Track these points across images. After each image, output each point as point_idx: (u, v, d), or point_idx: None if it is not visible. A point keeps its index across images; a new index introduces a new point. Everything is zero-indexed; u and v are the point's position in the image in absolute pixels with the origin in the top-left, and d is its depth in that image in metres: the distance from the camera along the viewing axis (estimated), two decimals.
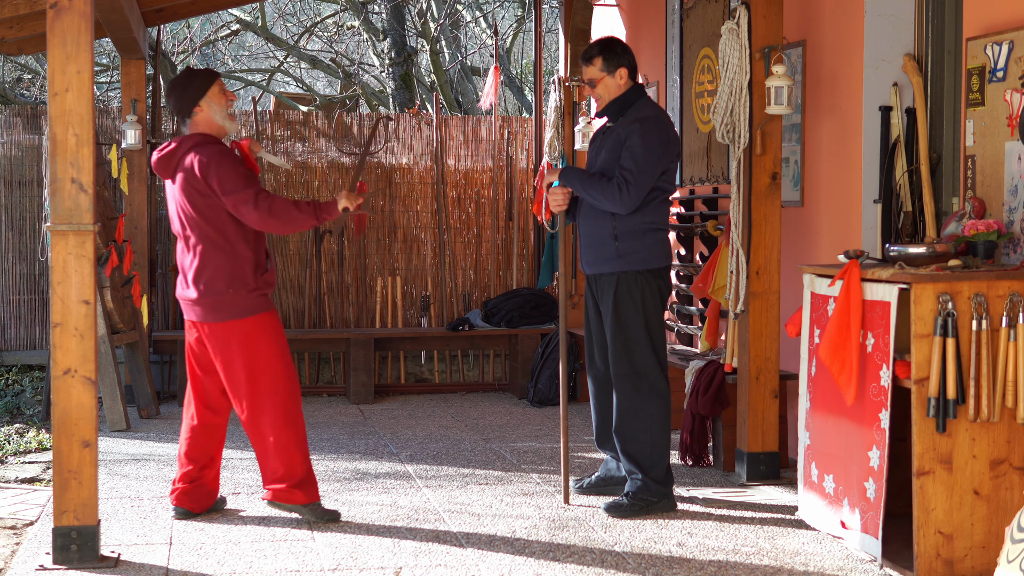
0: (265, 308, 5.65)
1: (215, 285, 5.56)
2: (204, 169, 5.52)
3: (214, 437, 5.80)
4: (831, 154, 6.62)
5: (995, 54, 5.27)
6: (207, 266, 5.58)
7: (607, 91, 5.93)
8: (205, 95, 5.66)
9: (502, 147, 10.49)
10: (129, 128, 8.96)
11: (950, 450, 4.69)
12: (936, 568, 4.69)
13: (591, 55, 5.94)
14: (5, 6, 6.78)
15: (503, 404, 9.20)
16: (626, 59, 5.93)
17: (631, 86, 5.94)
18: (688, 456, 6.83)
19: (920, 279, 4.67)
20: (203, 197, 5.54)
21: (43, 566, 4.96)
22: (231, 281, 5.57)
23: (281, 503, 5.68)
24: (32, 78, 14.91)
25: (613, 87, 5.92)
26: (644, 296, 5.81)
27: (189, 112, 5.68)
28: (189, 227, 5.60)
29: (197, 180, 5.53)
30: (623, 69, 5.91)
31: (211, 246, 5.57)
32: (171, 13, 9.25)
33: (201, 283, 5.58)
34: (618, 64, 5.90)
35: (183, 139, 5.67)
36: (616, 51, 5.93)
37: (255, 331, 5.61)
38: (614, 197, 5.71)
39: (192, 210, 5.57)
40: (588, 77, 5.95)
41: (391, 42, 14.76)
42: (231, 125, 5.76)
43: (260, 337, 5.62)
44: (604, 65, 5.90)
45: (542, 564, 5.01)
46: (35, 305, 10.14)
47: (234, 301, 5.57)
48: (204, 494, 5.80)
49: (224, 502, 5.95)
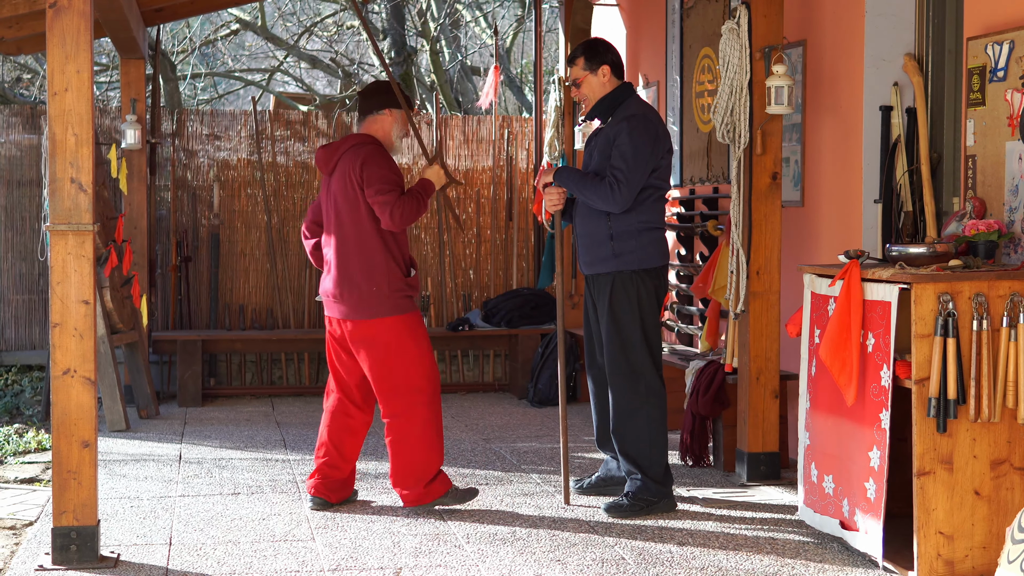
0: (412, 308, 5.83)
1: (374, 281, 5.72)
2: (362, 162, 5.72)
3: (357, 433, 5.94)
4: (831, 154, 6.61)
5: (996, 54, 5.26)
6: (366, 263, 5.74)
7: (591, 90, 5.95)
8: (399, 109, 5.90)
9: (502, 147, 10.48)
10: (128, 128, 8.96)
11: (951, 450, 4.68)
12: (936, 568, 4.68)
13: (574, 56, 5.99)
14: (5, 5, 6.78)
15: (503, 404, 9.20)
16: (608, 57, 5.94)
17: (618, 85, 5.95)
18: (688, 456, 6.82)
19: (921, 279, 4.66)
20: (358, 192, 5.73)
21: (42, 566, 4.95)
22: (386, 278, 5.74)
23: (423, 504, 5.81)
24: (31, 78, 14.91)
25: (597, 86, 5.94)
26: (640, 296, 5.81)
27: (376, 110, 5.89)
28: (346, 223, 5.76)
29: (355, 173, 5.72)
30: (605, 67, 5.92)
31: (367, 243, 5.74)
32: (171, 13, 9.25)
33: (358, 280, 5.73)
34: (600, 62, 5.92)
35: (349, 136, 5.89)
36: (598, 50, 5.96)
37: (404, 330, 5.76)
38: (606, 196, 5.72)
39: (349, 206, 5.74)
40: (572, 77, 6.00)
41: (391, 42, 14.75)
42: (398, 146, 5.97)
43: (409, 336, 5.76)
44: (586, 64, 5.93)
45: (542, 564, 5.01)
46: (35, 305, 10.14)
47: (385, 299, 5.73)
48: (340, 484, 5.94)
49: (356, 494, 6.08)
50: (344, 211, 5.76)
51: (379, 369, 5.76)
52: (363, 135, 5.89)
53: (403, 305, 5.78)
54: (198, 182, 10.12)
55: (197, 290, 10.01)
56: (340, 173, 5.80)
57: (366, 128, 5.91)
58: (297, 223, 10.17)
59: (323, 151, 5.88)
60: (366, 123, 5.91)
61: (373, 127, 5.90)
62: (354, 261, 5.75)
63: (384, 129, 5.91)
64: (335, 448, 5.92)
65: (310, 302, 10.08)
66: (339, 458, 5.92)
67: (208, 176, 10.13)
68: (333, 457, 5.92)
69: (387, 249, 5.76)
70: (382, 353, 5.75)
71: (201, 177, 10.13)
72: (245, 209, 10.17)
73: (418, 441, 5.77)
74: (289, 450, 7.38)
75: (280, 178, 10.21)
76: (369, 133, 5.89)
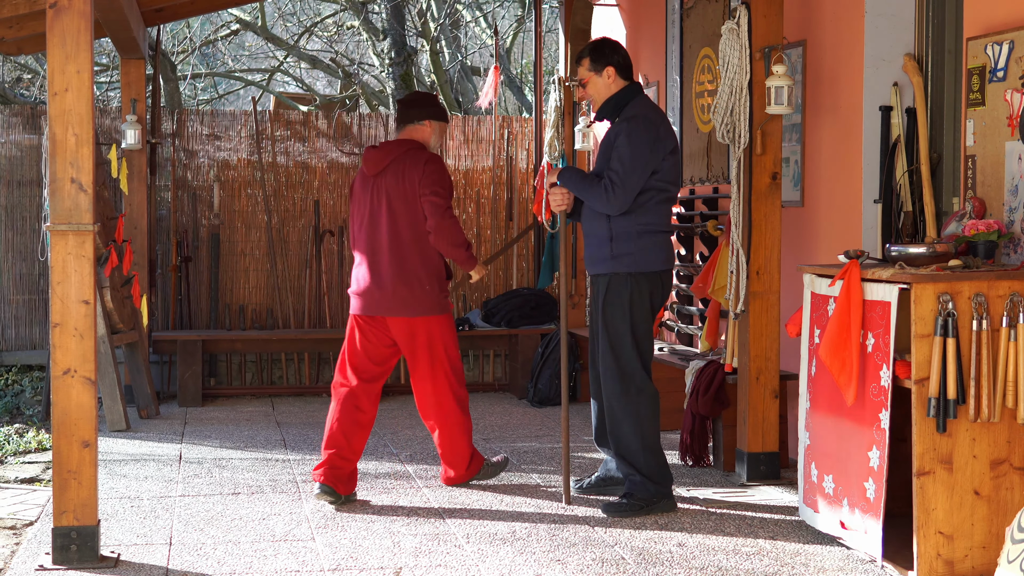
0: (450, 309, 6.25)
1: (431, 279, 6.06)
2: (426, 162, 6.06)
3: (365, 428, 6.11)
4: (831, 154, 6.61)
5: (995, 54, 5.26)
6: (425, 261, 6.05)
7: (596, 91, 5.96)
8: (439, 121, 6.27)
9: (502, 147, 10.49)
10: (129, 128, 8.96)
11: (950, 450, 4.69)
12: (936, 568, 4.68)
13: (581, 56, 6.01)
14: (5, 6, 6.78)
15: (503, 404, 9.20)
16: (614, 58, 5.95)
17: (625, 85, 5.95)
18: (688, 456, 6.82)
19: (920, 279, 4.67)
20: (417, 190, 6.03)
21: (43, 566, 4.95)
22: (439, 278, 6.11)
23: (464, 482, 6.34)
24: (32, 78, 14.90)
25: (602, 86, 5.95)
26: (632, 299, 5.80)
27: (417, 120, 6.22)
28: (402, 222, 6.04)
29: (418, 172, 6.03)
30: (610, 68, 5.92)
31: (424, 241, 6.04)
32: (171, 13, 9.25)
33: (420, 276, 6.05)
34: (605, 63, 5.93)
35: (404, 140, 6.19)
36: (604, 51, 5.96)
37: (451, 328, 6.17)
38: (602, 198, 5.73)
39: (407, 205, 6.04)
40: (578, 78, 6.02)
41: (391, 42, 14.75)
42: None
43: (453, 334, 6.19)
44: (591, 65, 5.95)
45: (542, 564, 5.01)
46: (35, 305, 10.14)
47: (439, 297, 6.10)
48: (347, 478, 6.03)
49: (355, 494, 6.15)
50: (400, 210, 6.05)
51: (429, 364, 6.11)
52: (413, 140, 6.20)
53: (447, 305, 6.19)
54: (198, 182, 10.12)
55: (197, 290, 10.01)
56: (396, 173, 6.07)
57: (406, 135, 6.22)
58: (297, 223, 10.18)
59: (375, 151, 6.15)
60: (406, 131, 6.23)
61: (414, 135, 6.22)
62: (414, 259, 6.04)
63: (424, 138, 6.23)
64: (346, 440, 6.01)
65: (310, 302, 10.09)
66: (348, 450, 6.02)
67: (208, 176, 10.14)
68: (343, 449, 6.00)
69: (433, 250, 6.12)
70: (439, 348, 6.11)
71: (201, 177, 10.13)
72: (245, 209, 10.17)
73: (456, 428, 6.20)
74: (289, 450, 7.38)
75: (280, 178, 10.21)
76: (413, 140, 6.22)
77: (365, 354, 6.13)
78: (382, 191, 6.08)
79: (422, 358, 6.12)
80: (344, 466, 6.00)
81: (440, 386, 6.15)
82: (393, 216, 6.04)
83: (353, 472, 6.06)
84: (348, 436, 6.03)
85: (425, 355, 6.12)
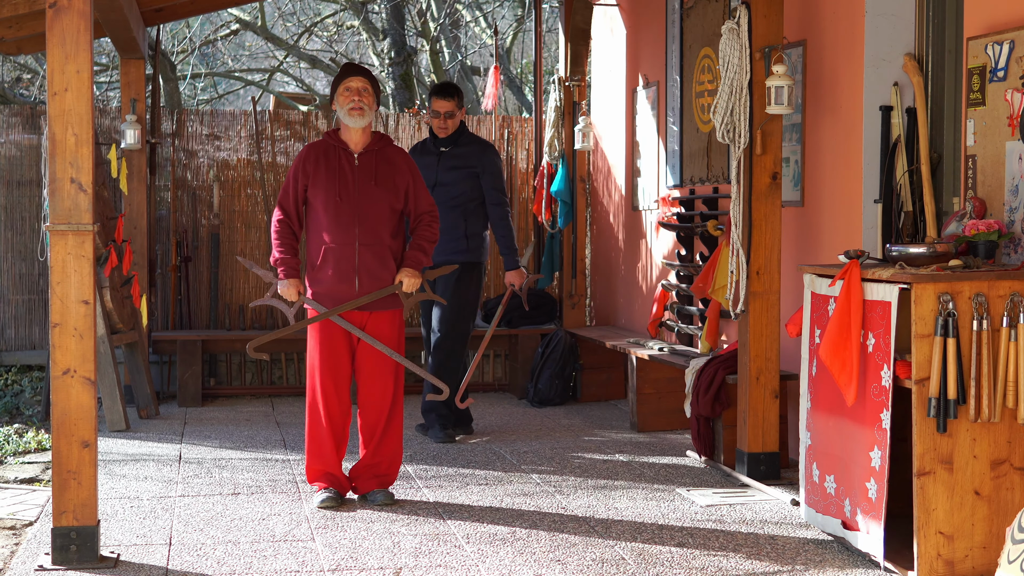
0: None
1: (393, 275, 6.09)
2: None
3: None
4: (831, 154, 6.61)
5: (996, 54, 5.26)
6: (392, 253, 6.10)
7: None
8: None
9: (502, 147, 10.48)
10: (128, 128, 8.96)
11: (951, 450, 4.68)
12: (937, 568, 4.68)
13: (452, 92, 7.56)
14: (5, 5, 6.78)
15: (503, 404, 9.20)
16: None
17: None
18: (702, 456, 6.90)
19: (921, 279, 4.66)
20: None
21: (42, 566, 4.95)
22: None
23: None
24: (31, 78, 14.91)
25: None
26: None
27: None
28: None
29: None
30: None
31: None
32: (170, 13, 9.25)
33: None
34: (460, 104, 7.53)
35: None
36: None
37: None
38: None
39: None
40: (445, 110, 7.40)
41: (391, 42, 14.75)
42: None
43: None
44: None
45: (542, 564, 5.01)
46: (34, 305, 10.14)
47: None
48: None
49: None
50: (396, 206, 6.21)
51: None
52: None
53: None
54: (198, 182, 10.12)
55: (197, 290, 10.01)
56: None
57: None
58: None
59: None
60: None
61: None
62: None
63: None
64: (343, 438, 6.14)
65: None
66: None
67: (208, 176, 10.14)
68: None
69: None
70: (395, 343, 6.10)
71: (201, 177, 10.13)
72: (245, 209, 10.17)
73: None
74: (289, 450, 7.38)
75: (280, 178, 10.20)
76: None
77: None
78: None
79: (389, 351, 6.20)
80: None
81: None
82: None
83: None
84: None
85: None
